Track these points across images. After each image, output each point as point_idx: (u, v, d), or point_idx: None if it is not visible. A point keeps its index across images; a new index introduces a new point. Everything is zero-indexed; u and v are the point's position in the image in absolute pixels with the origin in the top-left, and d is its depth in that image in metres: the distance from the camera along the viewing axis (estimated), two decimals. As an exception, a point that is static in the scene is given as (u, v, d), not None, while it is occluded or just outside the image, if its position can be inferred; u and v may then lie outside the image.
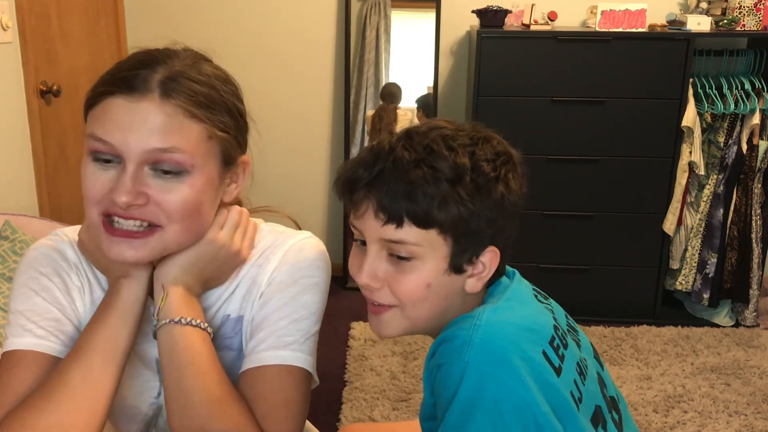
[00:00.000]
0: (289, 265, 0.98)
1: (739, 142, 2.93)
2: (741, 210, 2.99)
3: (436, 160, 0.83)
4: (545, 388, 0.82)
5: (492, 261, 0.89)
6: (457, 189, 0.83)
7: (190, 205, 0.87)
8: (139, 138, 0.83)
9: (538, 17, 3.02)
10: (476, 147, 0.86)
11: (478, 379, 0.80)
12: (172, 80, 0.85)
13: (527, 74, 2.88)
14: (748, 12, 2.90)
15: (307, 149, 3.46)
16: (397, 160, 0.84)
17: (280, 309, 0.95)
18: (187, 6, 3.31)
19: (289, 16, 3.31)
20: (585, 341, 0.99)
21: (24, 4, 2.39)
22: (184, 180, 0.86)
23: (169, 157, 0.84)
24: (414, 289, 0.87)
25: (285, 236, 1.02)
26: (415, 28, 3.39)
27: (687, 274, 3.10)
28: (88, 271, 1.00)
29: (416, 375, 2.58)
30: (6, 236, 2.04)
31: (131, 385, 1.00)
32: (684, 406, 2.43)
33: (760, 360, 2.75)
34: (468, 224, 0.84)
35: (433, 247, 0.85)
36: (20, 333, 0.92)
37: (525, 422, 0.80)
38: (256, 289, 0.98)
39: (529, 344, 0.84)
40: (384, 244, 0.86)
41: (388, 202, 0.83)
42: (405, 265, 0.86)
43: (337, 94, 3.40)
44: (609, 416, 0.94)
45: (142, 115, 0.83)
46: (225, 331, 0.99)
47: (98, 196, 0.86)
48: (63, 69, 2.67)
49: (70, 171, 2.74)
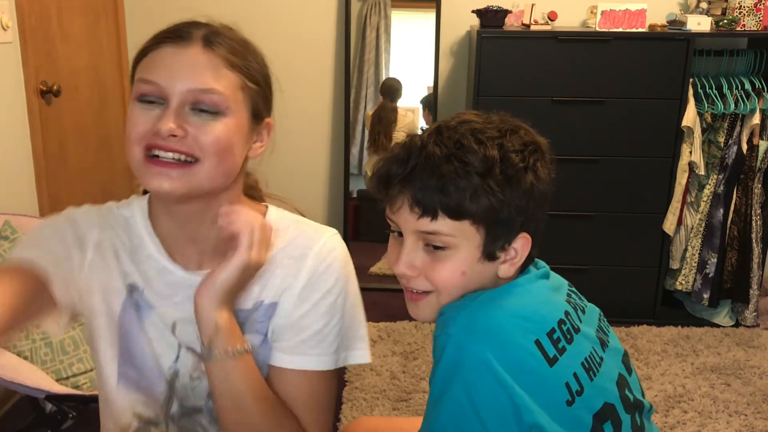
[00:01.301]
0: (328, 263, 1.05)
1: (739, 142, 2.93)
2: (741, 210, 2.99)
3: (466, 155, 0.87)
4: (526, 372, 0.85)
5: (524, 247, 0.93)
6: (488, 181, 0.87)
7: (223, 143, 0.95)
8: (183, 78, 0.93)
9: (538, 17, 3.02)
10: (504, 139, 0.90)
11: (457, 351, 0.85)
12: (215, 34, 0.99)
13: (527, 74, 2.88)
14: (748, 12, 2.90)
15: (307, 149, 3.46)
16: (429, 155, 0.88)
17: (333, 311, 1.04)
18: (186, 6, 3.30)
19: (289, 16, 3.32)
20: (614, 344, 1.03)
21: (24, 4, 2.39)
22: (219, 119, 0.95)
23: (208, 97, 0.94)
24: (450, 277, 0.91)
25: (311, 229, 1.09)
26: (415, 28, 3.39)
27: (687, 274, 3.10)
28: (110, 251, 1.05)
29: (416, 375, 2.58)
30: (6, 236, 2.04)
31: (155, 345, 1.05)
32: (684, 406, 2.44)
33: (760, 360, 2.75)
34: (499, 214, 0.88)
35: (467, 236, 0.89)
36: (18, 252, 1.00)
37: (497, 396, 0.84)
38: (293, 282, 1.04)
39: (519, 330, 0.87)
40: (420, 236, 0.91)
41: (422, 196, 0.88)
42: (440, 254, 0.91)
43: (337, 94, 3.40)
44: (627, 417, 0.96)
45: (187, 59, 0.95)
46: (257, 315, 1.04)
47: (142, 133, 0.94)
48: (63, 69, 2.67)
49: (70, 171, 2.74)
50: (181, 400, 1.06)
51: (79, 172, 2.79)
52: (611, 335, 1.04)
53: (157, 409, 1.07)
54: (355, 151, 3.53)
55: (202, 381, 1.05)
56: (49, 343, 1.96)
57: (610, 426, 0.93)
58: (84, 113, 2.80)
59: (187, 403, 1.06)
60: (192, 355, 1.04)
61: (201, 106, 0.94)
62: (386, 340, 2.83)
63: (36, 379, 1.76)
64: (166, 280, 1.04)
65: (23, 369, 1.77)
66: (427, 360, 2.69)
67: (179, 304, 1.03)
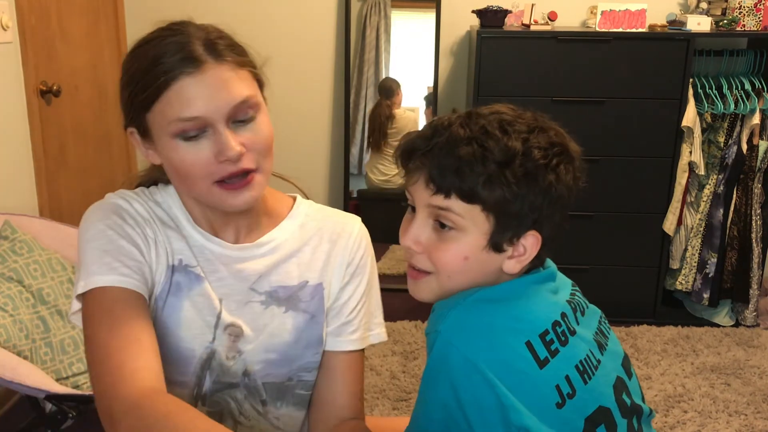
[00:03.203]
0: (363, 249, 1.14)
1: (739, 142, 2.93)
2: (741, 210, 2.99)
3: (487, 140, 0.87)
4: (514, 374, 0.85)
5: (533, 246, 0.92)
6: (505, 171, 0.86)
7: (270, 137, 1.00)
8: (220, 101, 0.93)
9: (538, 17, 3.02)
10: (531, 134, 0.89)
11: (444, 349, 0.85)
12: (212, 43, 0.96)
13: (527, 74, 2.88)
14: (748, 12, 2.90)
15: (307, 149, 3.46)
16: (452, 135, 0.88)
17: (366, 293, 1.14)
18: (187, 6, 3.31)
19: (289, 16, 3.32)
20: (614, 347, 1.02)
21: (24, 4, 2.39)
22: (258, 120, 0.98)
23: (246, 107, 0.96)
24: (451, 260, 0.91)
25: (339, 214, 1.17)
26: (415, 28, 3.39)
27: (687, 273, 3.10)
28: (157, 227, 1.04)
29: (416, 375, 2.58)
30: (6, 236, 2.04)
31: (189, 328, 1.04)
32: (684, 406, 2.44)
33: (760, 360, 2.75)
34: (511, 206, 0.87)
35: (476, 222, 0.89)
36: (106, 271, 0.95)
37: (484, 398, 0.83)
38: (336, 264, 1.11)
39: (509, 331, 0.87)
40: (432, 211, 0.90)
41: (438, 174, 0.87)
42: (447, 234, 0.90)
43: (337, 94, 3.40)
44: (624, 422, 0.95)
45: (212, 81, 0.93)
46: (302, 295, 1.09)
47: (206, 168, 0.94)
48: (63, 69, 2.67)
49: (70, 171, 2.74)
50: (215, 377, 1.07)
51: (79, 172, 2.79)
52: (611, 338, 1.03)
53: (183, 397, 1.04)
54: (355, 151, 3.53)
55: (237, 360, 1.07)
56: (49, 343, 1.96)
57: (604, 430, 0.92)
58: (84, 113, 2.80)
59: (222, 379, 1.08)
60: (231, 334, 1.06)
61: (239, 117, 0.95)
62: (386, 340, 2.82)
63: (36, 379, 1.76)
64: (206, 257, 1.06)
65: (23, 369, 1.77)
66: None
67: (223, 280, 1.06)
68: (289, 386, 1.11)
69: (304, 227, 1.13)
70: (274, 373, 1.09)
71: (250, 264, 1.07)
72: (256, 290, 1.07)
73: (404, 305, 3.18)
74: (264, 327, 1.07)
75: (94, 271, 0.95)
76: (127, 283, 0.94)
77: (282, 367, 1.09)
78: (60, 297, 2.05)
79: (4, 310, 1.88)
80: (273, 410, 1.11)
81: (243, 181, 0.97)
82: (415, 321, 3.01)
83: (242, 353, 1.06)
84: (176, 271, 1.04)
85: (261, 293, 1.07)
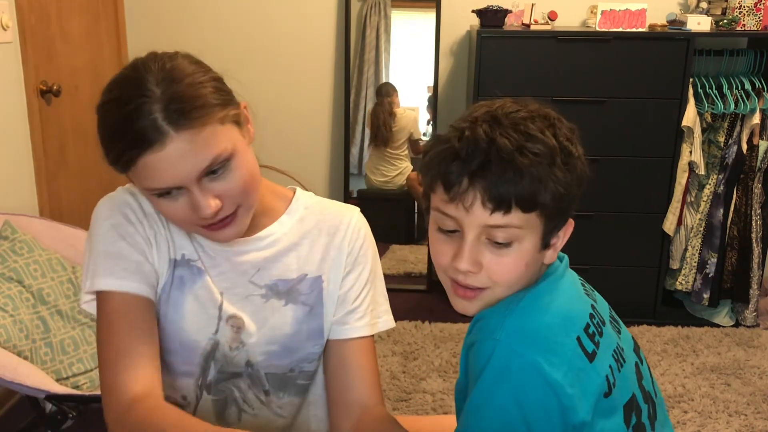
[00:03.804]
0: (362, 239, 1.15)
1: (739, 142, 2.93)
2: (741, 210, 2.99)
3: (535, 145, 0.86)
4: (574, 372, 0.86)
5: (567, 231, 0.94)
6: (554, 170, 0.86)
7: (249, 175, 1.00)
8: (186, 170, 0.93)
9: (538, 17, 3.02)
10: (554, 128, 0.90)
11: (506, 356, 0.85)
12: (172, 111, 0.91)
13: (527, 74, 2.88)
14: (748, 12, 2.90)
15: (307, 149, 3.46)
16: (501, 148, 0.86)
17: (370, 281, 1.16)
18: (187, 6, 3.30)
19: (289, 16, 3.31)
20: (626, 335, 1.04)
21: (24, 4, 2.39)
22: (233, 166, 0.97)
23: (215, 163, 0.95)
24: (514, 270, 0.90)
25: (337, 205, 1.18)
26: (415, 28, 3.39)
27: (687, 274, 3.10)
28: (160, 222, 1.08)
29: (416, 375, 2.58)
30: (6, 236, 2.04)
31: (193, 320, 1.08)
32: (684, 406, 2.44)
33: (760, 360, 2.75)
34: (563, 202, 0.88)
35: (532, 228, 0.88)
36: (107, 274, 1.02)
37: (547, 402, 0.83)
38: (335, 256, 1.13)
39: (562, 330, 0.88)
40: (484, 230, 0.88)
41: (497, 190, 0.85)
42: (504, 249, 0.89)
43: (337, 94, 3.40)
44: (645, 407, 0.98)
45: (176, 153, 0.91)
46: (302, 287, 1.11)
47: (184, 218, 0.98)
48: (63, 69, 2.67)
49: (70, 171, 2.74)
50: (220, 366, 1.11)
51: (79, 172, 2.79)
52: (622, 326, 1.05)
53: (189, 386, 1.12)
54: (355, 151, 3.53)
55: (240, 351, 1.10)
56: (49, 343, 1.96)
57: (634, 416, 0.94)
58: (84, 113, 2.80)
59: (226, 369, 1.11)
60: (233, 326, 1.09)
61: (214, 169, 0.95)
62: (386, 340, 2.83)
63: (36, 379, 1.76)
64: (206, 251, 1.09)
65: (23, 369, 1.77)
66: (426, 360, 2.69)
67: (224, 273, 1.09)
68: (290, 377, 1.14)
69: (302, 221, 1.14)
70: (276, 363, 1.12)
71: (249, 257, 1.10)
72: (256, 284, 1.10)
73: (404, 305, 3.18)
74: (265, 320, 1.10)
75: (97, 273, 1.02)
76: (125, 287, 1.01)
77: (284, 358, 1.11)
78: (60, 297, 2.05)
79: (4, 310, 1.88)
80: (275, 400, 1.14)
81: (224, 222, 1.00)
82: (415, 321, 3.01)
83: (245, 344, 1.09)
84: (179, 266, 1.07)
85: (261, 287, 1.10)
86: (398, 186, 3.51)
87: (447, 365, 2.67)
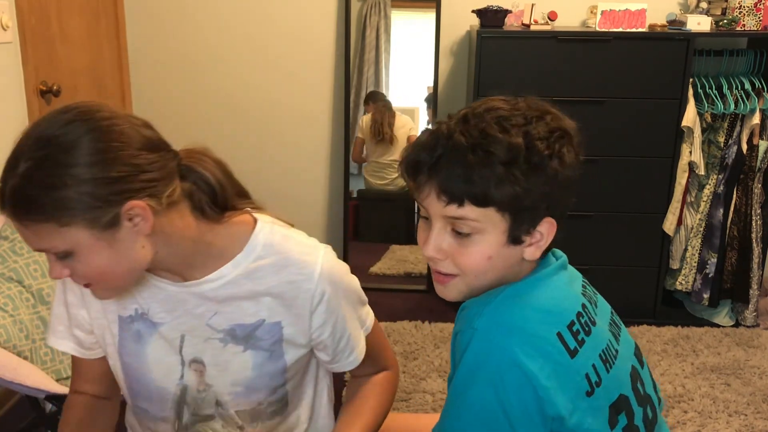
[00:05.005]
0: (331, 291, 1.08)
1: (739, 142, 2.93)
2: (741, 210, 2.99)
3: (490, 144, 0.88)
4: (551, 365, 0.87)
5: (549, 231, 0.94)
6: (512, 170, 0.87)
7: (95, 275, 0.97)
8: (28, 242, 0.94)
9: (538, 17, 3.02)
10: (530, 126, 0.91)
11: (483, 345, 0.87)
12: (11, 199, 0.89)
13: (527, 74, 2.88)
14: (748, 12, 2.90)
15: (307, 149, 3.46)
16: (455, 145, 0.89)
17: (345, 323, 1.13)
18: (187, 6, 3.30)
19: (289, 16, 3.31)
20: (626, 338, 1.05)
21: (24, 4, 2.39)
22: (76, 259, 0.94)
23: (50, 252, 0.94)
24: (476, 261, 0.92)
25: (302, 249, 1.09)
26: (415, 28, 3.39)
27: (687, 274, 3.10)
28: None
29: (416, 375, 2.58)
30: (6, 236, 2.04)
31: (158, 369, 1.10)
32: (684, 406, 2.44)
33: (760, 360, 2.75)
34: (523, 201, 0.89)
35: (493, 222, 0.90)
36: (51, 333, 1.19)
37: (523, 391, 0.85)
38: (301, 304, 1.08)
39: (542, 323, 0.89)
40: (447, 221, 0.92)
41: (448, 185, 0.89)
42: (467, 239, 0.92)
43: (337, 94, 3.40)
44: (639, 410, 0.98)
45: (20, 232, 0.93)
46: (260, 333, 1.08)
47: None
48: (63, 69, 2.67)
49: (70, 171, 2.74)
50: (192, 409, 1.12)
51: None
52: (623, 329, 1.06)
53: (168, 430, 1.15)
54: (355, 151, 3.53)
55: (207, 392, 1.10)
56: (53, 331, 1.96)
57: (624, 417, 0.95)
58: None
59: (198, 412, 1.12)
60: (196, 370, 1.09)
61: (51, 252, 0.94)
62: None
63: (36, 379, 1.76)
64: (159, 298, 1.08)
65: (23, 369, 1.77)
66: (426, 360, 2.69)
67: (181, 317, 1.08)
68: (260, 410, 1.14)
69: (259, 260, 1.06)
70: (243, 401, 1.12)
71: (201, 300, 1.07)
72: (213, 327, 1.08)
73: (404, 305, 3.18)
74: (226, 363, 1.09)
75: (49, 329, 1.20)
76: (59, 345, 1.18)
77: (249, 396, 1.12)
78: (60, 297, 2.04)
79: (4, 310, 1.88)
80: (250, 430, 1.16)
81: (88, 286, 1.00)
82: (415, 321, 3.01)
83: (211, 386, 1.11)
84: (135, 321, 1.09)
85: (219, 331, 1.08)
86: (398, 187, 3.51)
87: (447, 365, 2.67)
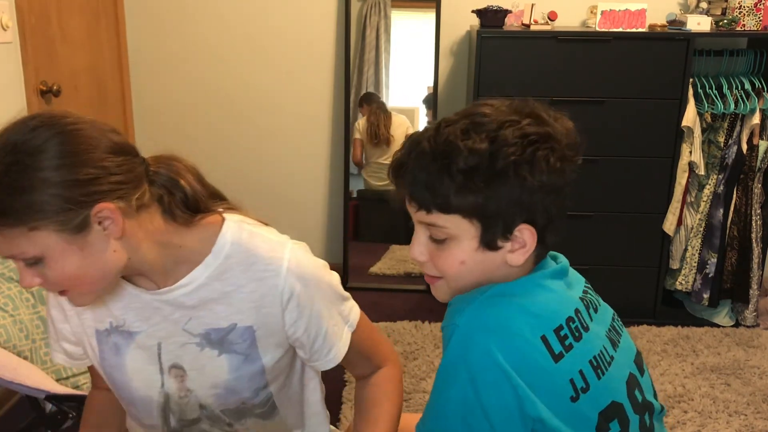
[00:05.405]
0: (300, 282, 1.06)
1: (739, 142, 2.93)
2: (741, 210, 2.99)
3: (451, 152, 0.88)
4: (531, 366, 0.87)
5: (530, 238, 0.93)
6: (473, 177, 0.88)
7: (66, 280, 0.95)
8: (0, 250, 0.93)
9: (538, 17, 3.02)
10: (501, 131, 0.89)
11: (463, 341, 0.88)
12: None
13: (527, 74, 2.88)
14: (748, 12, 2.90)
15: (307, 149, 3.46)
16: (420, 153, 0.91)
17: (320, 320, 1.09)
18: (187, 6, 3.30)
19: (289, 16, 3.31)
20: (627, 345, 1.04)
21: (24, 4, 2.39)
22: (47, 265, 0.93)
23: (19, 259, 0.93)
24: (450, 266, 0.94)
25: (269, 245, 1.07)
26: (415, 28, 3.39)
27: (687, 274, 3.10)
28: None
29: (416, 375, 2.58)
30: (6, 236, 2.04)
31: (139, 378, 1.10)
32: (684, 406, 2.44)
33: (760, 360, 2.75)
34: (488, 208, 0.89)
35: (462, 228, 0.91)
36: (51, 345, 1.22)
37: (502, 389, 0.85)
38: (271, 302, 1.06)
39: (525, 325, 0.89)
40: (425, 226, 0.94)
41: (413, 191, 0.92)
42: (443, 244, 0.94)
43: (337, 94, 3.40)
44: (636, 418, 0.97)
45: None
46: (233, 338, 1.08)
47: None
48: (63, 69, 2.67)
49: (70, 171, 2.74)
50: (178, 414, 1.13)
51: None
52: (624, 335, 1.05)
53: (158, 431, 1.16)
54: (355, 151, 3.53)
55: (189, 398, 1.11)
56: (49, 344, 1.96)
57: (617, 425, 0.93)
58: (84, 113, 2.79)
59: (184, 417, 1.13)
60: (176, 376, 1.10)
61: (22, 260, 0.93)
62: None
63: (36, 379, 1.76)
64: (134, 306, 1.08)
65: (23, 369, 1.77)
66: (427, 360, 2.69)
67: (158, 324, 1.08)
68: (245, 407, 1.14)
69: (228, 259, 1.05)
70: (226, 402, 1.13)
71: (175, 306, 1.07)
72: (190, 332, 1.08)
73: (404, 305, 3.18)
74: (203, 367, 1.10)
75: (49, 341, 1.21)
76: (53, 356, 1.21)
77: (231, 397, 1.12)
78: (60, 297, 2.05)
79: (4, 310, 1.88)
80: (241, 427, 1.17)
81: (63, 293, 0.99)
82: (415, 321, 3.01)
83: (192, 391, 1.11)
84: (111, 334, 1.10)
85: (195, 335, 1.08)
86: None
87: (447, 365, 2.67)
